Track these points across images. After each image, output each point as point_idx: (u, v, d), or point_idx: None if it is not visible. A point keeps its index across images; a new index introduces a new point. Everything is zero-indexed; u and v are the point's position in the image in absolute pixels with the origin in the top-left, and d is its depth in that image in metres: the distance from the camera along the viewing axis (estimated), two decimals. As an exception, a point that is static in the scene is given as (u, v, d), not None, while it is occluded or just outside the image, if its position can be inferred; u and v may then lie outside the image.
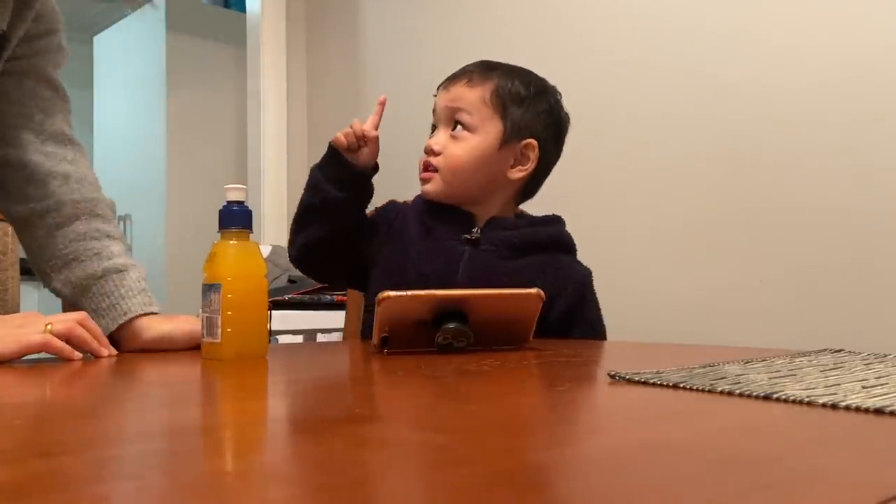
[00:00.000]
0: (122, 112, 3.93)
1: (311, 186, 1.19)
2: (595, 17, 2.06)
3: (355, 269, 1.23)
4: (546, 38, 2.16)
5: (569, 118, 1.26)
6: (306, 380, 0.74)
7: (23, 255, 1.16)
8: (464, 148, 1.16)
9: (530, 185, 1.23)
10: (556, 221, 1.25)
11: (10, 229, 1.33)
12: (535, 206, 1.55)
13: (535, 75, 1.24)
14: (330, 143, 1.19)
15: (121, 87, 3.88)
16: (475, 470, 0.37)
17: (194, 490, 0.33)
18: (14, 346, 0.79)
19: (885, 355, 0.76)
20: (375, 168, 1.19)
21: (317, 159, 1.25)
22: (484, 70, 1.19)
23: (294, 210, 1.22)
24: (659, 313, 1.88)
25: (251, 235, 0.89)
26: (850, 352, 0.80)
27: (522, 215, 1.26)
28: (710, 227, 1.82)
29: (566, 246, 1.23)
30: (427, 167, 1.18)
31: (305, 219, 1.18)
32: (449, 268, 1.14)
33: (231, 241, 0.87)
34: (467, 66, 1.22)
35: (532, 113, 1.19)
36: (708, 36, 1.84)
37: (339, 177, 1.16)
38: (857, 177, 1.61)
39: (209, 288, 0.85)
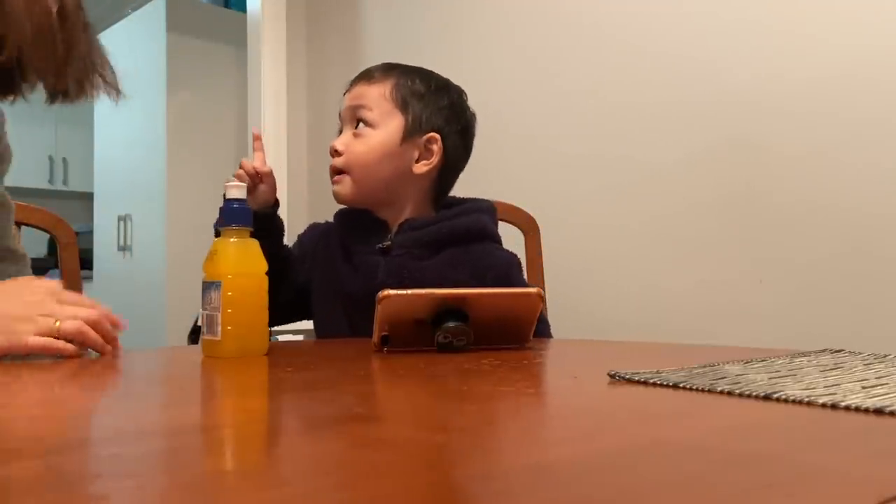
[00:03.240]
0: (122, 112, 3.93)
1: None
2: (595, 17, 2.06)
3: (301, 301, 1.22)
4: (546, 36, 2.16)
5: (474, 116, 1.24)
6: (306, 378, 0.74)
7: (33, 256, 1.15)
8: (366, 143, 1.15)
9: (441, 182, 1.21)
10: (475, 210, 1.21)
11: None
12: (535, 206, 1.55)
13: (437, 74, 1.24)
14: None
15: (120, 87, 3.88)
16: (475, 470, 0.37)
17: (194, 490, 0.33)
18: (4, 343, 0.75)
19: (885, 355, 0.76)
20: (276, 203, 1.18)
21: (317, 159, 1.26)
22: (385, 69, 1.20)
23: (293, 208, 1.22)
24: (658, 313, 1.88)
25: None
26: (850, 352, 0.80)
27: (447, 206, 1.22)
28: (710, 226, 1.82)
29: (482, 235, 1.19)
30: (334, 171, 1.17)
31: None
32: (369, 282, 1.12)
33: (231, 239, 0.87)
34: (371, 67, 1.22)
35: (433, 107, 1.18)
36: (707, 34, 1.84)
37: None
38: (858, 176, 1.61)
39: (209, 286, 0.85)
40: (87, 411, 0.59)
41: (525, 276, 1.26)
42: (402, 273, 1.12)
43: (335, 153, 1.17)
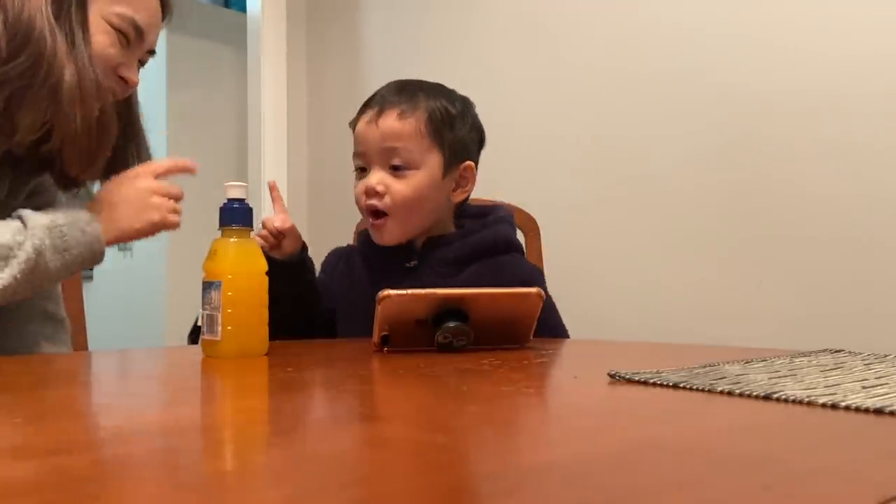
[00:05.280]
0: (123, 111, 3.92)
1: None
2: (595, 19, 2.06)
3: (334, 328, 1.23)
4: (546, 37, 2.16)
5: (482, 126, 1.24)
6: (306, 378, 0.74)
7: None
8: (411, 185, 1.12)
9: (466, 198, 1.22)
10: (498, 221, 1.21)
11: None
12: (536, 206, 1.55)
13: (448, 88, 1.22)
14: None
15: (121, 86, 3.88)
16: (476, 470, 0.37)
17: (194, 490, 0.33)
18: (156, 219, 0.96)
19: (885, 355, 0.76)
20: (304, 248, 1.16)
21: (317, 159, 1.25)
22: (407, 96, 1.15)
23: (293, 210, 1.21)
24: (659, 313, 1.88)
25: (251, 233, 0.89)
26: (850, 352, 0.80)
27: (466, 214, 1.23)
28: (711, 227, 1.82)
29: (505, 247, 1.20)
30: (374, 212, 1.14)
31: (274, 326, 0.98)
32: None
33: (231, 239, 0.87)
34: (385, 94, 1.17)
35: (463, 133, 1.17)
36: (706, 36, 1.84)
37: (278, 275, 1.03)
38: (857, 177, 1.61)
39: (209, 285, 0.85)
40: (88, 411, 0.59)
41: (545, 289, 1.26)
42: None
43: (375, 194, 1.13)
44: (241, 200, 0.88)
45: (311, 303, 1.18)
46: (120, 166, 1.06)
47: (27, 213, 0.90)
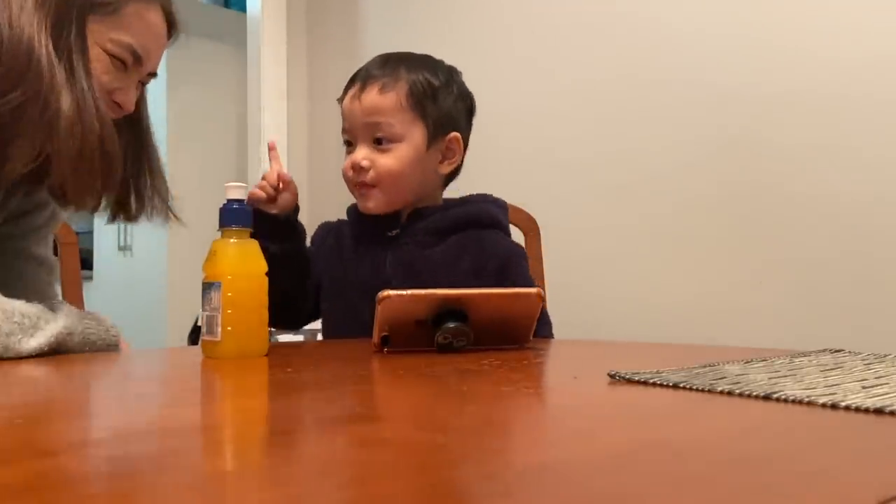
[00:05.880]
0: (123, 111, 3.92)
1: None
2: (595, 20, 2.06)
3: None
4: (546, 36, 2.16)
5: (472, 94, 1.24)
6: (306, 379, 0.74)
7: None
8: (395, 158, 1.13)
9: (455, 170, 1.22)
10: (484, 200, 1.22)
11: None
12: (535, 206, 1.55)
13: (434, 59, 1.22)
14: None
15: (121, 86, 3.87)
16: (476, 470, 0.37)
17: (194, 490, 0.33)
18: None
19: (885, 355, 0.76)
20: (297, 209, 1.17)
21: (317, 159, 1.25)
22: (390, 70, 1.16)
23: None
24: (658, 313, 1.88)
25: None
26: (850, 352, 0.80)
27: (452, 199, 1.24)
28: (711, 227, 1.82)
29: (488, 222, 1.20)
30: (361, 185, 1.15)
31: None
32: (377, 269, 1.14)
33: (231, 240, 0.87)
34: (368, 68, 1.19)
35: (448, 104, 1.17)
36: (707, 37, 1.84)
37: (272, 232, 1.07)
38: (857, 177, 1.61)
39: (209, 286, 0.85)
40: (88, 411, 0.59)
41: (527, 270, 1.26)
42: (409, 261, 1.13)
43: (360, 169, 1.14)
44: (240, 201, 0.87)
45: (302, 266, 1.18)
46: (134, 185, 1.04)
47: (58, 302, 0.89)
